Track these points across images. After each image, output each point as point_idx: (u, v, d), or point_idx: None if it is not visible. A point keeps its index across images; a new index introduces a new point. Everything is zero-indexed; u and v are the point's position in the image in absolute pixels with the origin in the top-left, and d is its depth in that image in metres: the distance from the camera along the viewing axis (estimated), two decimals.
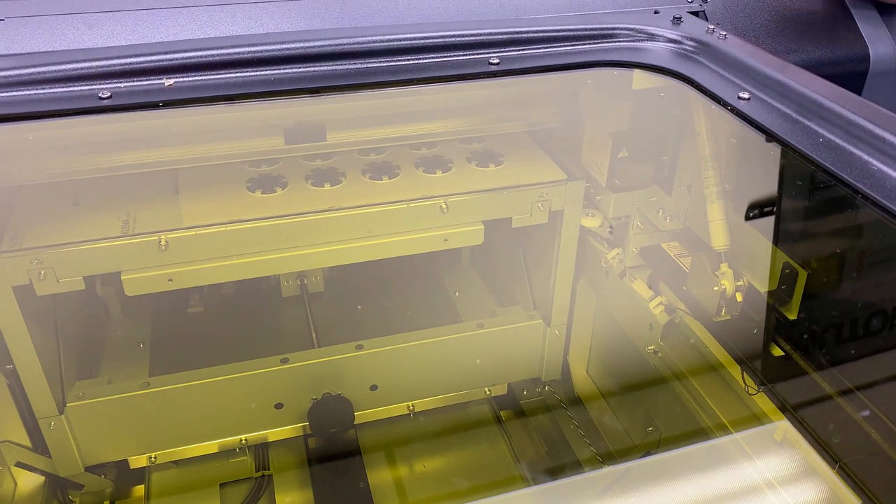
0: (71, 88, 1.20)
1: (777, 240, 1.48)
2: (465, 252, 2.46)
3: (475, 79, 1.35)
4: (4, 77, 1.18)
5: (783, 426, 1.55)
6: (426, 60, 1.38)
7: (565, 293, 2.09)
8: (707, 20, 1.64)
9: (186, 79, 1.26)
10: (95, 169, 1.67)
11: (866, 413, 1.34)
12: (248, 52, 1.29)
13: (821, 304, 1.44)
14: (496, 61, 1.37)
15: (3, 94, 1.18)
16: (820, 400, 1.47)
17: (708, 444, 1.72)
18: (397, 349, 1.99)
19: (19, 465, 1.87)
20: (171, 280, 1.71)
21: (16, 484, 1.89)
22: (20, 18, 1.35)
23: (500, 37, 1.39)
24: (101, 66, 1.21)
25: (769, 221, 1.51)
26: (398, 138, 1.88)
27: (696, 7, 1.64)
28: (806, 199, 1.34)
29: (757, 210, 1.51)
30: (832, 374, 1.44)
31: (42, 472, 1.91)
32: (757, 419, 1.62)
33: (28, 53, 1.30)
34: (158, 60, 1.23)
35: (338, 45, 1.34)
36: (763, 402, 1.58)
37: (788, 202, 1.37)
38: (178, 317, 2.26)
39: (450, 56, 1.38)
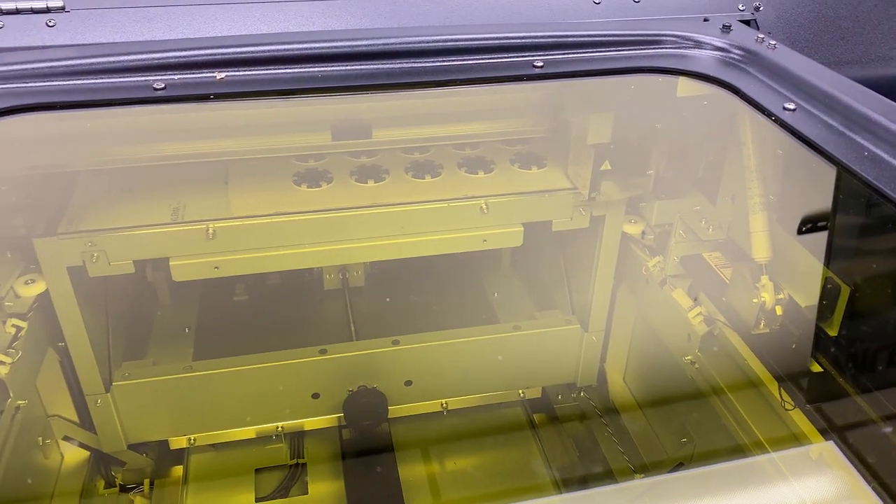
0: (128, 79, 1.26)
1: (820, 254, 1.46)
2: (506, 253, 2.46)
3: (518, 81, 1.36)
4: (67, 66, 1.24)
5: (820, 444, 1.52)
6: (471, 62, 1.39)
7: (604, 299, 2.09)
8: (758, 29, 1.62)
9: (237, 73, 1.30)
10: (149, 157, 1.74)
11: None
12: (298, 49, 1.32)
13: (863, 321, 1.41)
14: (540, 64, 1.38)
15: (64, 83, 1.23)
16: (859, 419, 1.44)
17: (742, 459, 1.69)
18: (433, 346, 2.01)
19: (66, 439, 1.95)
20: (217, 268, 1.76)
21: (62, 457, 1.96)
22: (84, 10, 1.41)
23: (545, 40, 1.39)
24: (156, 59, 1.26)
25: (812, 235, 1.48)
26: (443, 138, 1.91)
27: (747, 16, 1.62)
28: (850, 214, 1.31)
29: (800, 223, 1.49)
30: (872, 394, 1.40)
31: (87, 447, 1.98)
32: (793, 436, 1.59)
33: (89, 44, 1.36)
34: (211, 54, 1.28)
35: (385, 44, 1.36)
36: (800, 418, 1.55)
37: (832, 216, 1.35)
38: (224, 304, 2.32)
39: (495, 58, 1.39)
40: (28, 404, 1.74)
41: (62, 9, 1.40)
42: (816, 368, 1.50)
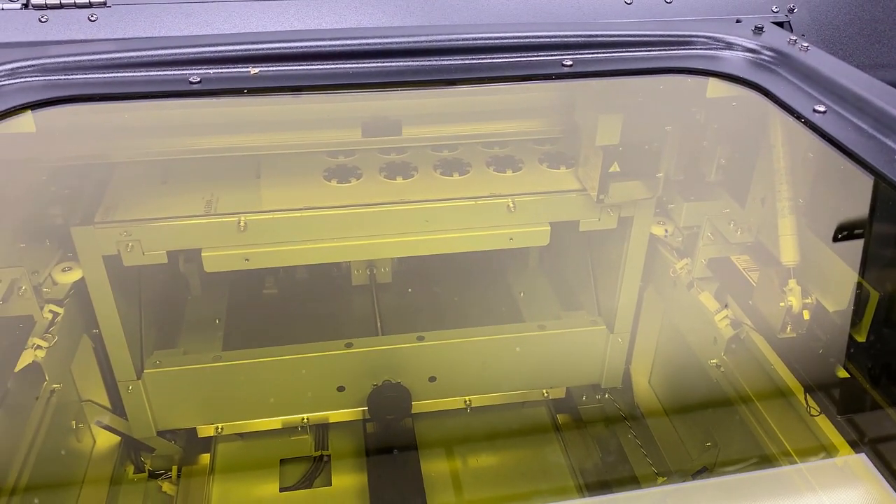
0: (164, 72, 1.29)
1: (849, 259, 1.44)
2: (533, 252, 2.47)
3: (547, 80, 1.37)
4: (106, 59, 1.27)
5: (845, 451, 1.50)
6: (501, 60, 1.41)
7: (631, 300, 2.08)
8: (792, 31, 1.61)
9: (270, 68, 1.33)
10: (184, 150, 1.78)
11: None
12: (330, 46, 1.35)
13: (893, 328, 1.39)
14: (570, 63, 1.39)
15: (103, 76, 1.27)
16: (887, 427, 1.43)
17: (766, 466, 1.68)
18: (457, 343, 2.03)
19: (99, 423, 2.00)
20: (247, 260, 1.80)
21: (94, 441, 2.01)
22: (125, 6, 1.45)
23: (574, 39, 1.40)
24: (192, 53, 1.29)
25: (842, 239, 1.46)
26: (472, 136, 1.92)
27: (781, 17, 1.61)
28: (881, 219, 1.30)
29: (829, 227, 1.47)
30: None
31: (118, 433, 2.03)
32: (819, 442, 1.57)
33: (128, 38, 1.40)
34: (245, 50, 1.30)
35: (416, 41, 1.38)
36: (825, 424, 1.54)
37: (861, 220, 1.34)
38: (254, 296, 2.36)
39: (524, 56, 1.40)
40: (63, 389, 1.79)
41: (104, 4, 1.44)
42: (843, 374, 1.49)
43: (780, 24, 1.60)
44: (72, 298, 1.80)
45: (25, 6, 1.42)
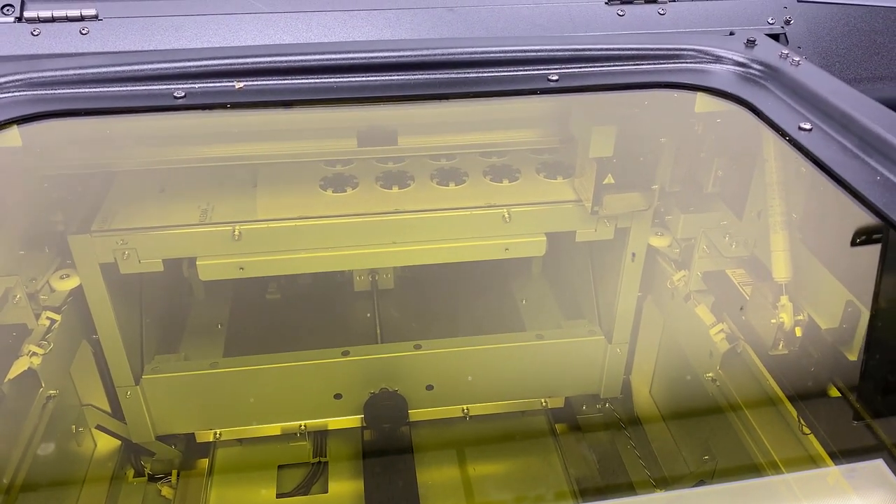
0: (150, 87, 1.30)
1: (841, 277, 1.42)
2: (536, 261, 2.46)
3: (532, 94, 1.36)
4: (92, 74, 1.29)
5: (835, 469, 1.48)
6: (487, 74, 1.40)
7: (629, 311, 2.07)
8: (787, 43, 1.58)
9: (255, 83, 1.34)
10: (180, 160, 1.79)
11: None
12: (314, 60, 1.35)
13: (884, 347, 1.37)
14: (556, 78, 1.38)
15: (89, 90, 1.29)
16: (875, 446, 1.40)
17: (758, 481, 1.66)
18: (453, 352, 2.03)
19: (99, 427, 2.03)
20: (242, 268, 1.81)
21: (95, 445, 2.04)
22: (116, 19, 1.47)
23: (561, 53, 1.39)
24: (177, 68, 1.30)
25: (833, 257, 1.44)
26: (466, 146, 1.91)
27: (776, 29, 1.58)
28: (867, 239, 1.27)
29: (820, 245, 1.45)
30: (890, 421, 1.36)
31: (118, 437, 2.06)
32: (811, 459, 1.55)
33: (117, 52, 1.42)
34: (229, 64, 1.31)
35: (400, 56, 1.38)
36: (816, 442, 1.51)
37: (851, 239, 1.31)
38: (256, 302, 2.38)
39: (510, 71, 1.40)
40: (62, 393, 1.82)
41: (95, 17, 1.46)
42: (834, 393, 1.47)
43: (776, 37, 1.58)
44: (70, 305, 1.83)
45: (19, 20, 1.44)
